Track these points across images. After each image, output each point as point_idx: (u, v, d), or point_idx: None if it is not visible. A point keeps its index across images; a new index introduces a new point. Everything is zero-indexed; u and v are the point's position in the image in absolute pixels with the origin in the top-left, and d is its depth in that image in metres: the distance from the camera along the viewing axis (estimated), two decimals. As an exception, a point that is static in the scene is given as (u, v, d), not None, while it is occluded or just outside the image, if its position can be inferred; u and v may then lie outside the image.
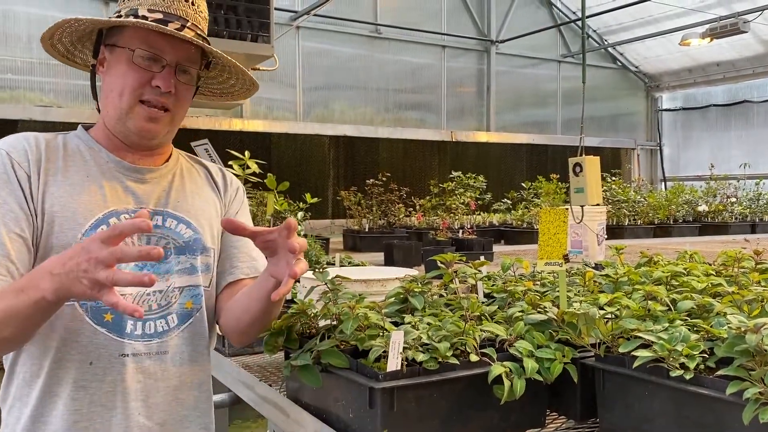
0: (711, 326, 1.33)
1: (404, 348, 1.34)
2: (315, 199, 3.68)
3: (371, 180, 7.49)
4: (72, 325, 1.27)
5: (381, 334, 1.44)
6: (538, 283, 2.06)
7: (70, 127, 1.44)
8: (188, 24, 1.34)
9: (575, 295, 1.78)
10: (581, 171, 3.90)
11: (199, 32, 1.36)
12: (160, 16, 1.31)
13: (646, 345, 1.28)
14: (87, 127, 1.43)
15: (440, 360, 1.35)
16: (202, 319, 1.43)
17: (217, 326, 1.52)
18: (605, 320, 1.44)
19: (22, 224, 1.23)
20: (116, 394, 1.30)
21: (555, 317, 1.50)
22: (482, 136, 11.44)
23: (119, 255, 0.99)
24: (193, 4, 1.37)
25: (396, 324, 1.55)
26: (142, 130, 1.34)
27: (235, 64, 1.43)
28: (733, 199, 9.84)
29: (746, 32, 9.67)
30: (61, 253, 1.06)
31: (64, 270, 1.02)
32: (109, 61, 1.36)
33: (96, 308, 1.28)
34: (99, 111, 1.40)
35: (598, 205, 4.32)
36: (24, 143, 1.30)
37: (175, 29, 1.30)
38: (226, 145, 3.83)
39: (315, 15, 9.22)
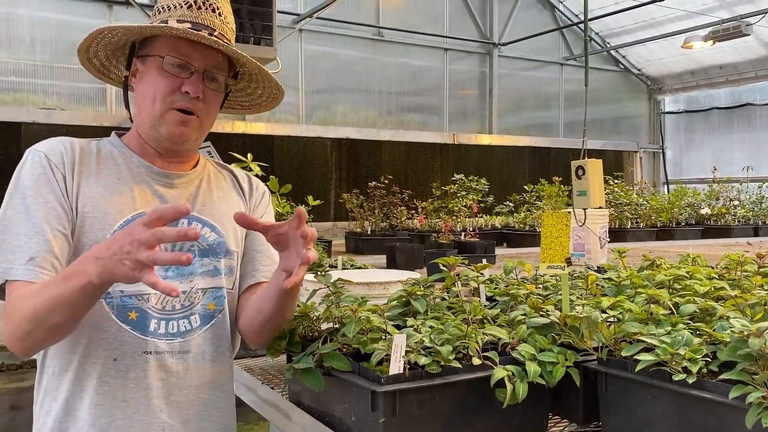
0: (714, 330, 1.33)
1: (406, 351, 1.34)
2: (317, 202, 3.68)
3: (373, 182, 7.51)
4: (99, 322, 1.32)
5: (383, 337, 1.44)
6: (541, 286, 2.06)
7: (73, 129, 1.47)
8: (215, 33, 1.40)
9: (578, 298, 1.77)
10: (584, 174, 3.89)
11: (225, 41, 1.41)
12: (188, 26, 1.37)
13: (649, 349, 1.28)
14: (120, 135, 1.49)
15: (442, 363, 1.35)
16: (224, 321, 1.46)
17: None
18: (608, 324, 1.43)
19: (63, 221, 1.30)
20: (138, 391, 1.34)
21: (557, 321, 1.50)
22: (484, 139, 11.45)
23: (160, 235, 1.05)
24: (220, 15, 1.43)
25: (398, 327, 1.55)
26: (174, 135, 1.39)
27: (261, 69, 1.47)
28: (736, 202, 9.83)
29: (749, 35, 9.68)
30: (106, 240, 1.13)
31: (108, 254, 1.08)
32: (141, 71, 1.42)
33: (121, 306, 1.33)
34: (131, 120, 1.47)
35: (600, 208, 4.32)
36: (60, 146, 1.37)
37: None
38: (229, 147, 3.83)
39: (317, 18, 9.24)
